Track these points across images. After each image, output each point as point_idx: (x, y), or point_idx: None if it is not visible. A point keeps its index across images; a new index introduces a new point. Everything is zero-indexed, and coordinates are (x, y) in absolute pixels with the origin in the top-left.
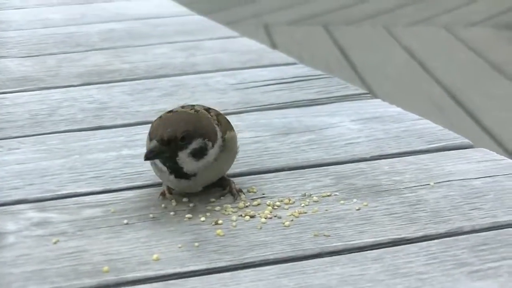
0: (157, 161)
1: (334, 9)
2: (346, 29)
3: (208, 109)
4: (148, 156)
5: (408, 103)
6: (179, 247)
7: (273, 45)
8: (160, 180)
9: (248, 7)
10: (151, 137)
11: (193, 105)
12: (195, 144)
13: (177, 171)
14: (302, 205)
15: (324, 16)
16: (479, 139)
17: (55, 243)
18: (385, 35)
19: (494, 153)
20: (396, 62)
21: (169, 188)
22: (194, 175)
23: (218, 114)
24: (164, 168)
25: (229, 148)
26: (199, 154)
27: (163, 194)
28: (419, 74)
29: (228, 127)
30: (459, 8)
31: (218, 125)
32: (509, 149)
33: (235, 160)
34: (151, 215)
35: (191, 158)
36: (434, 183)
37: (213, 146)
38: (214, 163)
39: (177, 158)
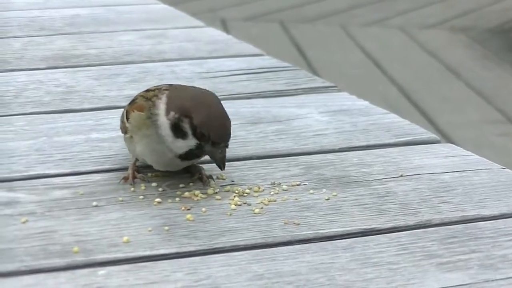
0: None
1: (291, 7)
2: (302, 26)
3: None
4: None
5: None
6: (149, 231)
7: None
8: (128, 164)
9: (205, 2)
10: (219, 139)
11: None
12: None
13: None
14: (272, 193)
15: (281, 13)
16: None
17: (23, 222)
18: (341, 34)
19: (461, 148)
20: (352, 61)
21: (134, 173)
22: None
23: None
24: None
25: None
26: None
27: (126, 178)
28: (374, 74)
29: None
30: (414, 11)
31: None
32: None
33: None
34: (120, 198)
35: None
36: (403, 175)
37: None
38: None
39: None
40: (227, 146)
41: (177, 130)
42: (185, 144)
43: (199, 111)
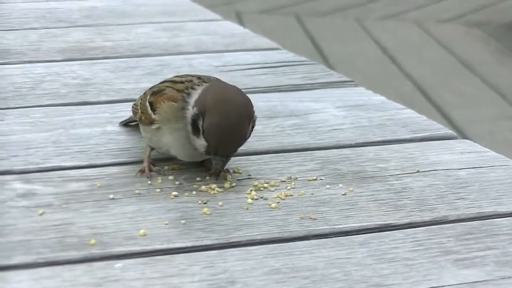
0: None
1: (306, 0)
2: (318, 20)
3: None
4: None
5: None
6: (166, 224)
7: None
8: (143, 155)
9: None
10: (220, 151)
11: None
12: None
13: None
14: (288, 187)
15: (296, 7)
16: None
17: (40, 214)
18: (356, 28)
19: (478, 145)
20: (367, 55)
21: (150, 166)
22: None
23: None
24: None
25: None
26: None
27: (142, 171)
28: (389, 68)
29: None
30: (430, 5)
31: None
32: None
33: None
34: (136, 191)
35: None
36: (419, 171)
37: None
38: None
39: None
40: (228, 158)
41: (195, 127)
42: (200, 142)
43: (213, 116)
